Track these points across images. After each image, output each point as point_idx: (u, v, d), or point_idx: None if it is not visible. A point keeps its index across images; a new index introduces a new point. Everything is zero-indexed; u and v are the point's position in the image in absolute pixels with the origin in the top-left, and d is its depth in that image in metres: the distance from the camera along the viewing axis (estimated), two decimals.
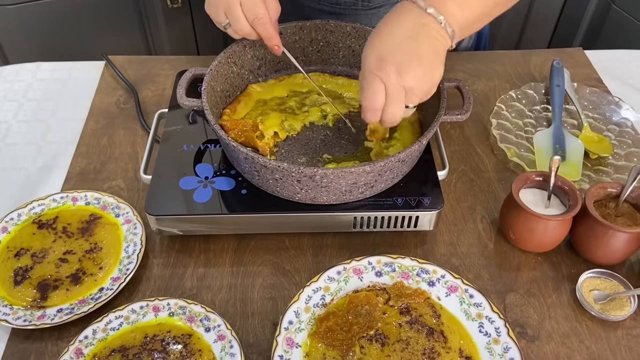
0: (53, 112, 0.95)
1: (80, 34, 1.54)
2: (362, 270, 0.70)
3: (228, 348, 0.63)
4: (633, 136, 0.89)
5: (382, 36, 0.62)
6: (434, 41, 0.62)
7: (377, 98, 0.62)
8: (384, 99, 0.62)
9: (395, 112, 0.64)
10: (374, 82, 0.62)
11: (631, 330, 0.67)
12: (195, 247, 0.75)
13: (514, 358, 0.61)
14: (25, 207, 0.77)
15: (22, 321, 0.65)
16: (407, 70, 0.60)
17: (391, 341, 0.63)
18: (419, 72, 0.61)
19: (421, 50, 0.61)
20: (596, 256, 0.71)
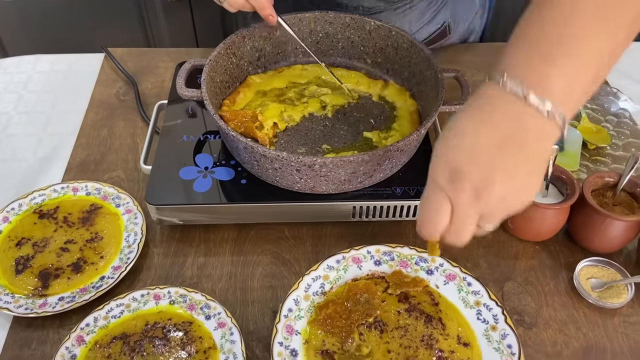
0: (53, 103, 0.96)
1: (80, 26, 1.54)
2: (361, 259, 0.70)
3: (228, 335, 0.63)
4: (631, 127, 0.90)
5: (459, 139, 0.47)
6: (535, 147, 0.45)
7: (439, 219, 0.48)
8: (448, 220, 0.49)
9: (461, 236, 0.49)
10: (439, 199, 0.48)
11: (628, 317, 0.67)
12: (195, 237, 0.75)
13: (511, 345, 0.62)
14: (26, 198, 0.77)
15: (24, 309, 0.65)
16: (487, 193, 0.45)
17: (390, 328, 0.64)
18: (503, 194, 0.46)
19: (514, 163, 0.45)
20: (594, 245, 0.71)
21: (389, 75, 0.87)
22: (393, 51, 0.85)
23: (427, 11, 1.00)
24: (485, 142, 0.45)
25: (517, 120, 0.45)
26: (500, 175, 0.45)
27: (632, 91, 0.96)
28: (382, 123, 0.80)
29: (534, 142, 0.45)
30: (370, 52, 0.87)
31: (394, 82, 0.86)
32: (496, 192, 0.45)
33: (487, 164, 0.45)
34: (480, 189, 0.45)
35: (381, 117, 0.81)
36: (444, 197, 0.48)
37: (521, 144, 0.45)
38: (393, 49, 0.84)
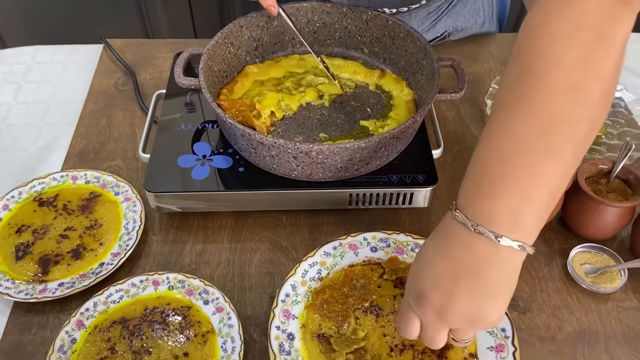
0: (52, 94, 0.96)
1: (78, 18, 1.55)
2: (357, 246, 0.71)
3: (226, 320, 0.64)
4: (626, 116, 0.90)
5: (423, 267, 0.51)
6: (491, 272, 0.48)
7: (411, 331, 0.53)
8: (418, 332, 0.53)
9: (433, 345, 0.53)
10: (410, 316, 0.53)
11: (621, 302, 0.68)
12: (193, 224, 0.76)
13: (505, 328, 0.63)
14: (26, 186, 0.78)
15: (24, 295, 0.66)
16: (448, 314, 0.49)
17: (385, 312, 0.64)
18: (465, 314, 0.49)
19: (471, 288, 0.48)
20: (588, 231, 0.72)
21: (385, 65, 0.88)
22: (390, 41, 0.85)
23: (427, 20, 1.01)
24: (444, 269, 0.49)
25: (468, 250, 0.48)
26: (460, 298, 0.48)
27: (628, 82, 0.96)
28: (379, 112, 0.81)
29: (490, 267, 0.48)
30: (367, 41, 0.88)
31: (391, 71, 0.86)
32: (457, 312, 0.49)
33: (446, 288, 0.49)
34: (442, 311, 0.49)
35: (378, 106, 0.81)
36: (413, 314, 0.53)
37: (474, 270, 0.48)
38: (390, 39, 0.85)
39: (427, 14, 1.00)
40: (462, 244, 0.48)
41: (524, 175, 0.46)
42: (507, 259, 0.48)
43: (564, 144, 0.46)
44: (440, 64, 0.76)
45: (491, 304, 0.49)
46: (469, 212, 0.48)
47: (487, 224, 0.47)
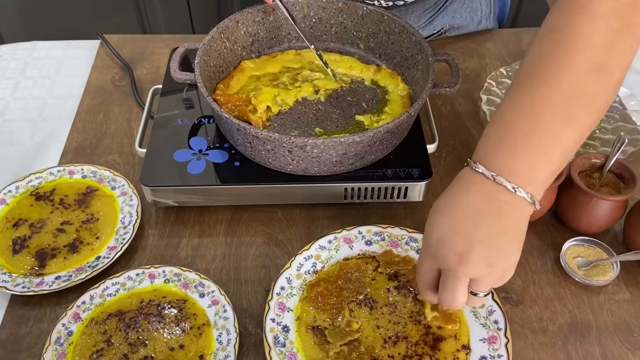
0: (49, 89, 0.97)
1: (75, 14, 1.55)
2: (352, 239, 0.72)
3: (222, 312, 0.65)
4: (620, 111, 0.91)
5: (441, 215, 0.53)
6: (509, 218, 0.51)
7: (429, 283, 0.55)
8: (437, 282, 0.55)
9: (452, 300, 0.53)
10: (430, 265, 0.54)
11: (613, 295, 0.69)
12: (189, 219, 0.77)
13: (497, 320, 0.63)
14: (23, 180, 0.78)
15: (21, 288, 0.67)
16: (470, 257, 0.50)
17: (379, 305, 0.65)
18: (485, 257, 0.50)
19: (491, 232, 0.50)
20: (581, 225, 0.73)
21: (381, 60, 0.88)
22: (385, 36, 0.85)
23: (423, 16, 1.01)
24: (464, 215, 0.52)
25: (487, 196, 0.52)
26: (480, 241, 0.51)
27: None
28: (374, 107, 0.81)
29: (508, 213, 0.51)
30: (363, 37, 0.88)
31: (386, 66, 0.87)
32: (477, 255, 0.50)
33: (467, 232, 0.51)
34: (463, 255, 0.51)
35: (373, 101, 0.82)
36: (433, 266, 0.54)
37: (496, 215, 0.51)
38: (385, 34, 0.85)
39: (424, 10, 1.00)
40: (481, 192, 0.52)
41: (545, 137, 0.51)
42: (520, 209, 0.52)
43: (583, 115, 0.52)
44: (434, 59, 0.77)
45: (509, 248, 0.52)
46: (489, 164, 0.52)
47: (506, 175, 0.51)
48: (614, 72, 0.52)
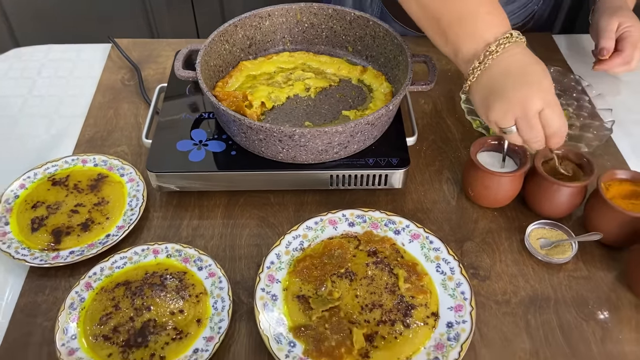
0: (64, 88, 1.05)
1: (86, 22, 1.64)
2: (336, 221, 0.79)
3: (217, 283, 0.72)
4: (590, 110, 0.98)
5: (485, 94, 0.72)
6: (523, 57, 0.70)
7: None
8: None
9: (536, 133, 0.69)
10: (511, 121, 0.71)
11: (572, 272, 0.76)
12: (190, 203, 0.85)
13: (464, 292, 0.71)
14: (41, 168, 0.87)
15: (39, 260, 0.74)
16: (529, 97, 0.68)
17: (359, 277, 0.72)
18: (534, 86, 0.68)
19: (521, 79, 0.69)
20: (544, 210, 0.80)
21: (367, 62, 0.96)
22: (371, 39, 0.94)
23: None
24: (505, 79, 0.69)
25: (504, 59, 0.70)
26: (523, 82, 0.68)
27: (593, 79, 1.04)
28: (360, 103, 0.89)
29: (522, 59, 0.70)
30: (351, 40, 0.96)
31: (372, 67, 0.95)
32: (532, 91, 0.67)
33: (517, 84, 0.68)
34: (523, 99, 0.68)
35: (359, 98, 0.90)
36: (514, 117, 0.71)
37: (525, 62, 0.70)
38: (371, 38, 0.93)
39: None
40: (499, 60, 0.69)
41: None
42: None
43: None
44: (413, 60, 0.85)
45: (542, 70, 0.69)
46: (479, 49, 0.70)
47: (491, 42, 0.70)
48: None
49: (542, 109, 0.68)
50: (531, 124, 0.68)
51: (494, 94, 0.70)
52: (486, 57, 0.69)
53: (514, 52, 0.69)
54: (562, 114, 0.69)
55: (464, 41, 0.71)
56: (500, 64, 0.69)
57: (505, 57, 0.69)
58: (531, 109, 0.67)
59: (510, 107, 0.68)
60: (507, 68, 0.69)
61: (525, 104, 0.67)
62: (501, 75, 0.69)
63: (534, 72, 0.69)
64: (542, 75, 0.68)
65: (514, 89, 0.68)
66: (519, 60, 0.69)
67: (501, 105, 0.69)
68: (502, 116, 0.70)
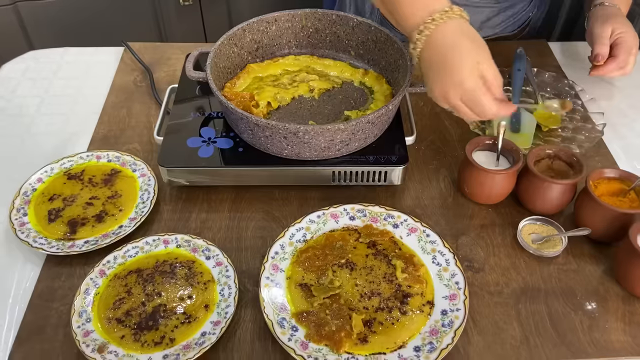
0: (79, 88, 1.10)
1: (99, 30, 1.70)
2: (338, 215, 0.83)
3: (224, 272, 0.76)
4: (582, 113, 1.02)
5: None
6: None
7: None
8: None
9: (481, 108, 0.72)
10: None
11: (562, 266, 0.80)
12: (199, 197, 0.89)
13: (458, 282, 0.74)
14: (57, 163, 0.91)
15: (56, 249, 0.79)
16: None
17: (358, 267, 0.76)
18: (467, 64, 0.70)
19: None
20: (536, 206, 0.84)
21: (369, 65, 1.00)
22: (372, 44, 0.98)
23: None
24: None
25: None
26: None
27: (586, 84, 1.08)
28: (361, 104, 0.93)
29: None
30: (353, 45, 1.01)
31: (373, 70, 0.99)
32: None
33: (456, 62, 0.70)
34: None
35: (360, 99, 0.94)
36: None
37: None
38: (373, 42, 0.98)
39: None
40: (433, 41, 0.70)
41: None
42: None
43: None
44: (412, 63, 0.89)
45: (460, 54, 0.69)
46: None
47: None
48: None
49: (461, 98, 0.70)
50: (457, 109, 0.73)
51: (425, 81, 0.74)
52: (418, 39, 0.71)
53: (444, 32, 0.70)
54: (483, 96, 0.69)
55: (405, 21, 0.73)
56: (429, 48, 0.71)
57: (433, 40, 0.70)
58: (450, 101, 0.71)
59: (436, 97, 0.73)
60: (430, 58, 0.71)
61: (445, 98, 0.71)
62: (427, 65, 0.72)
63: (451, 60, 0.69)
64: (458, 62, 0.69)
65: (435, 83, 0.71)
66: (443, 44, 0.70)
67: (431, 94, 0.74)
68: (436, 101, 0.74)
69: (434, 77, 0.72)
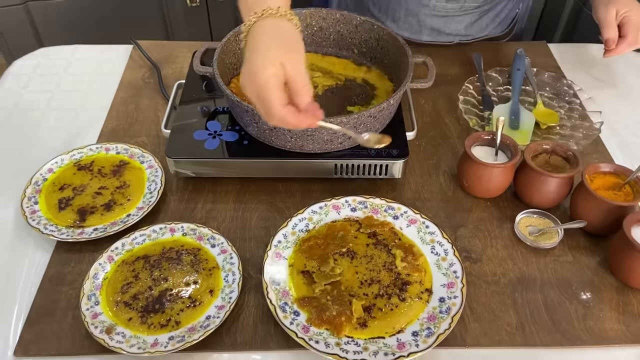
0: (89, 84, 1.13)
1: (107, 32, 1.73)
2: (340, 207, 0.85)
3: (229, 259, 0.78)
4: (580, 112, 1.04)
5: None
6: None
7: None
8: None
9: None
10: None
11: (558, 257, 0.82)
12: (205, 188, 0.91)
13: (456, 271, 0.76)
14: (68, 154, 0.94)
15: (65, 236, 0.81)
16: None
17: (359, 256, 0.78)
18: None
19: None
20: (533, 200, 0.86)
21: (372, 63, 1.03)
22: (375, 42, 1.01)
23: None
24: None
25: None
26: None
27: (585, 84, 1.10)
28: (364, 100, 0.96)
29: None
30: (356, 43, 1.03)
31: (376, 68, 1.02)
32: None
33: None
34: None
35: (363, 96, 0.97)
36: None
37: None
38: (375, 41, 1.00)
39: None
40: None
41: None
42: None
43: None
44: (414, 60, 0.91)
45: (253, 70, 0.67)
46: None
47: None
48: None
49: (255, 92, 0.67)
50: (254, 106, 0.70)
51: None
52: (243, 32, 0.71)
53: (259, 27, 0.69)
54: (272, 95, 0.65)
55: (242, 15, 0.73)
56: (247, 42, 0.71)
57: (250, 34, 0.70)
58: (247, 94, 0.69)
59: (242, 88, 0.70)
60: (244, 51, 0.70)
61: (244, 89, 0.69)
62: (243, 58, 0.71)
63: (254, 54, 0.67)
64: (256, 56, 0.67)
65: (241, 74, 0.70)
66: (254, 38, 0.69)
67: None
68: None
69: (242, 68, 0.70)
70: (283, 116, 0.66)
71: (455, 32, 1.18)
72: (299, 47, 0.69)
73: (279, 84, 0.66)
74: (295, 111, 0.67)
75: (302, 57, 0.68)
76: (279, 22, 0.70)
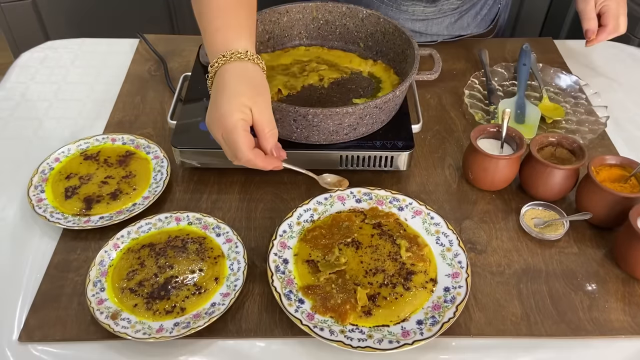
0: (96, 77, 1.13)
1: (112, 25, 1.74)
2: (345, 198, 0.86)
3: (234, 248, 0.79)
4: (586, 106, 1.04)
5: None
6: None
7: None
8: None
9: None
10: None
11: (563, 249, 0.81)
12: (210, 179, 0.91)
13: (461, 261, 0.76)
14: (74, 144, 0.94)
15: (72, 224, 0.81)
16: None
17: (364, 246, 0.78)
18: None
19: None
20: (539, 192, 0.86)
21: (377, 56, 1.03)
22: (381, 35, 1.01)
23: None
24: None
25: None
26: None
27: (590, 79, 1.11)
28: (369, 93, 0.96)
29: None
30: (362, 36, 1.04)
31: (382, 61, 1.02)
32: None
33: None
34: None
35: (368, 88, 0.97)
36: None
37: None
38: (381, 34, 1.01)
39: None
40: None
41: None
42: None
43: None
44: (420, 52, 0.91)
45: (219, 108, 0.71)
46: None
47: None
48: None
49: (222, 134, 0.70)
50: (221, 145, 0.73)
51: None
52: (210, 72, 0.73)
53: (226, 70, 0.71)
54: (239, 138, 0.68)
55: (208, 51, 0.76)
56: (214, 83, 0.73)
57: (218, 76, 0.72)
58: (214, 134, 0.72)
59: (208, 127, 0.73)
60: (212, 91, 0.73)
61: (211, 130, 0.72)
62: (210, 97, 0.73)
63: (221, 97, 0.70)
64: (223, 99, 0.69)
65: (207, 113, 0.72)
66: (221, 81, 0.71)
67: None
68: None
69: (208, 109, 0.72)
70: (251, 159, 0.70)
71: (437, 33, 1.19)
72: (264, 90, 0.72)
73: (247, 127, 0.69)
74: (262, 154, 0.71)
75: (268, 101, 0.72)
76: (246, 65, 0.72)
